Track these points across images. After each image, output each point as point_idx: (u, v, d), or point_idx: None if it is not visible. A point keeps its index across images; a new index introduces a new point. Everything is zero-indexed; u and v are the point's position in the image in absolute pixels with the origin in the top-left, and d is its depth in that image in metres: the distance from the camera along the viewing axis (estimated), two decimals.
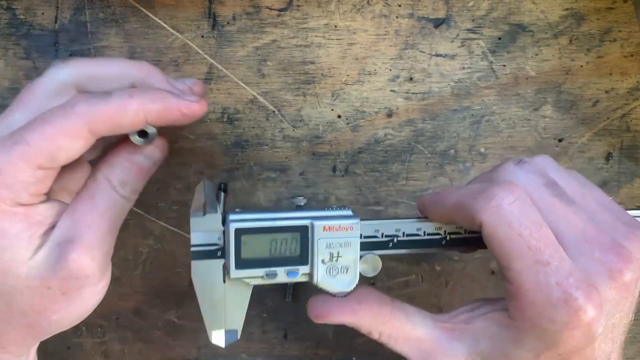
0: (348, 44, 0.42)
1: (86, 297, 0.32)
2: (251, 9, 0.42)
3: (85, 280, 0.31)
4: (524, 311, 0.29)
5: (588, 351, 0.29)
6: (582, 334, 0.29)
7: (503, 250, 0.29)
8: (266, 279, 0.32)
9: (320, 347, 0.44)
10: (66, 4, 0.41)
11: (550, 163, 0.33)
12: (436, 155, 0.43)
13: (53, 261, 0.31)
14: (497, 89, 0.43)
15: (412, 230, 0.34)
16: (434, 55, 0.42)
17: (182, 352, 0.43)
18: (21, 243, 0.31)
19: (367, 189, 0.43)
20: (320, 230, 0.32)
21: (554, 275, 0.28)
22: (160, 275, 0.43)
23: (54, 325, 0.32)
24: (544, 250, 0.29)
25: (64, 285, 0.31)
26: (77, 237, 0.31)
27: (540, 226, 0.29)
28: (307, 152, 0.42)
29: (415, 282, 0.44)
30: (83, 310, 0.33)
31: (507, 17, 0.42)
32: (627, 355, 0.44)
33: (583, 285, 0.28)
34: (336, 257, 0.32)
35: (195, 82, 0.36)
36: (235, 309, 0.33)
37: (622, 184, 0.44)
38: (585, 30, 0.43)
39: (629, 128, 0.43)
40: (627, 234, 0.30)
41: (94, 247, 0.31)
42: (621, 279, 0.29)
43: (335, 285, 0.33)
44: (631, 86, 0.43)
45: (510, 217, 0.29)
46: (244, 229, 0.31)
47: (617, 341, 0.30)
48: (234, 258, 0.32)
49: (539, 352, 0.30)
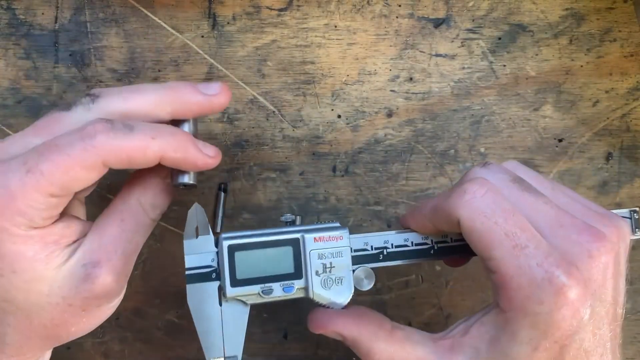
0: (348, 44, 0.42)
1: (104, 312, 0.33)
2: (251, 9, 0.42)
3: (107, 299, 0.32)
4: (512, 298, 0.30)
5: (582, 335, 0.29)
6: (571, 313, 0.29)
7: (483, 241, 0.30)
8: (262, 295, 0.32)
9: (320, 347, 0.44)
10: (66, 4, 0.41)
11: (518, 166, 0.34)
12: (436, 155, 0.43)
13: (77, 281, 0.31)
14: (497, 89, 0.43)
15: (400, 241, 0.34)
16: (434, 55, 0.42)
17: (182, 352, 0.43)
18: (39, 264, 0.31)
19: (367, 189, 0.43)
20: (311, 241, 0.33)
21: (533, 257, 0.29)
22: (160, 275, 0.43)
23: (71, 335, 0.33)
24: (520, 234, 0.29)
25: (86, 303, 0.31)
26: (104, 260, 0.31)
27: (513, 213, 0.30)
28: (307, 152, 0.42)
29: (415, 282, 0.44)
30: (99, 321, 0.34)
31: (507, 17, 0.42)
32: (627, 355, 0.44)
33: (563, 264, 0.29)
34: (329, 268, 0.33)
35: (221, 86, 0.34)
36: (234, 333, 0.32)
37: (622, 184, 0.44)
38: (585, 30, 0.43)
39: (629, 128, 0.43)
40: (600, 219, 0.31)
41: (119, 271, 0.32)
42: (599, 258, 0.30)
43: (331, 297, 0.33)
44: (631, 86, 0.43)
45: (484, 208, 0.30)
46: (237, 245, 0.32)
47: (612, 330, 0.31)
48: (229, 276, 0.32)
49: (536, 342, 0.30)
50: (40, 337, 0.32)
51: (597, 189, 0.43)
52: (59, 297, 0.31)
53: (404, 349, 0.33)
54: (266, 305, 0.43)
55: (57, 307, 0.31)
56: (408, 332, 0.34)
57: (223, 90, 0.33)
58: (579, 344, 0.30)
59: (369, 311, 0.35)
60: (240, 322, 0.32)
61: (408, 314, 0.43)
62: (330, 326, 0.33)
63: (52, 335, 0.32)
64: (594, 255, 0.30)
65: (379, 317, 0.34)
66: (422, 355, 0.33)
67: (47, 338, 0.33)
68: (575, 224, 0.30)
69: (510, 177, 0.32)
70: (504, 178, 0.32)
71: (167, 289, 0.43)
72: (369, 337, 0.33)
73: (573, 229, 0.30)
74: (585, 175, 0.43)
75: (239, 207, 0.42)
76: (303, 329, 0.43)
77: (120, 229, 0.32)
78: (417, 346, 0.33)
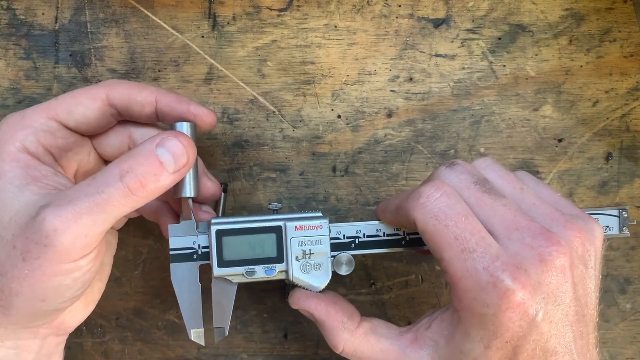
0: (348, 44, 0.42)
1: (46, 273, 0.30)
2: (251, 9, 0.42)
3: (45, 248, 0.30)
4: (461, 299, 0.31)
5: (536, 337, 0.30)
6: (519, 316, 0.29)
7: (434, 243, 0.31)
8: (246, 276, 0.35)
9: (320, 347, 0.44)
10: (66, 4, 0.41)
11: (488, 163, 0.35)
12: (436, 155, 0.43)
13: (27, 218, 0.30)
14: (497, 89, 0.43)
15: (372, 231, 0.36)
16: (434, 55, 0.42)
17: (182, 352, 0.43)
18: (10, 188, 0.31)
19: (367, 189, 0.43)
20: (292, 229, 0.35)
21: (480, 260, 0.30)
22: (160, 275, 0.43)
23: (13, 296, 0.31)
24: (470, 238, 0.30)
25: (26, 246, 0.30)
26: (54, 203, 0.30)
27: (465, 217, 0.31)
28: (307, 152, 0.42)
29: (415, 282, 0.44)
30: (43, 290, 0.31)
31: (507, 17, 0.42)
32: (627, 355, 0.44)
33: (509, 268, 0.29)
34: (309, 254, 0.35)
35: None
36: (222, 308, 0.35)
37: (622, 184, 0.44)
38: (585, 30, 0.43)
39: (629, 128, 0.43)
40: (563, 223, 0.31)
41: (67, 218, 0.30)
42: (552, 263, 0.30)
43: (309, 280, 0.35)
44: (631, 86, 0.43)
45: (436, 212, 0.31)
46: (224, 230, 0.35)
47: (575, 332, 0.31)
48: (217, 257, 0.35)
49: (487, 341, 0.30)
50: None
51: (597, 189, 0.43)
52: (10, 233, 0.31)
53: (367, 342, 0.35)
54: (266, 305, 0.43)
55: (5, 246, 0.30)
56: (374, 325, 0.35)
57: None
58: (533, 344, 0.30)
59: (342, 300, 0.36)
60: (228, 298, 0.35)
61: (408, 314, 0.43)
62: (303, 304, 0.35)
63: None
64: (546, 259, 0.30)
65: (350, 308, 0.36)
66: (385, 347, 0.34)
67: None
68: (531, 228, 0.31)
69: (473, 178, 0.33)
70: (466, 179, 0.32)
71: (167, 289, 0.43)
72: (335, 325, 0.35)
73: (528, 232, 0.30)
74: (585, 175, 0.43)
75: (239, 207, 0.42)
76: (303, 329, 0.43)
77: (88, 185, 0.31)
78: (381, 339, 0.35)
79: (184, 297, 0.35)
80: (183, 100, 0.36)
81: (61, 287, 0.31)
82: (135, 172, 0.30)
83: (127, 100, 0.35)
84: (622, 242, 0.44)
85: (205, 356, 0.43)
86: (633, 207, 0.44)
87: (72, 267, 0.31)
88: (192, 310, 0.35)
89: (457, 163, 0.33)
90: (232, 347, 0.43)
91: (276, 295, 0.43)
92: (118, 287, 0.42)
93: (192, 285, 0.35)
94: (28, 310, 0.32)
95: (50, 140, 0.34)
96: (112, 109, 0.35)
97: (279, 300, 0.43)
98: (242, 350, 0.43)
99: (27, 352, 0.34)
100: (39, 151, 0.33)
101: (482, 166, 0.34)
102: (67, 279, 0.31)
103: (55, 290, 0.31)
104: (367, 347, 0.34)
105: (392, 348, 0.34)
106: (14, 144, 0.32)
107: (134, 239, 0.42)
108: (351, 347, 0.35)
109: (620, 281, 0.44)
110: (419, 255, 0.43)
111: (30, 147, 0.33)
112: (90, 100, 0.34)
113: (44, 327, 0.34)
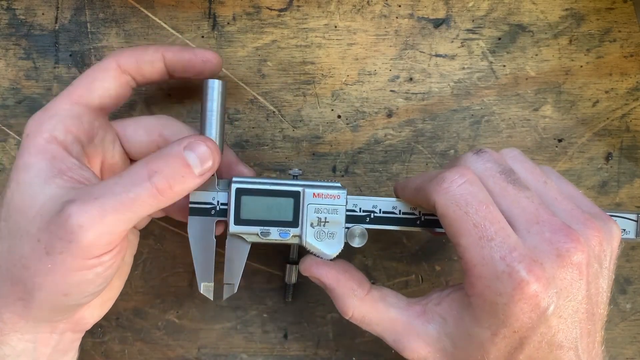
0: (348, 44, 0.42)
1: (69, 268, 0.31)
2: (251, 9, 0.42)
3: (69, 243, 0.30)
4: (474, 285, 0.31)
5: (544, 330, 0.30)
6: (530, 307, 0.29)
7: (452, 228, 0.31)
8: (261, 236, 0.35)
9: (320, 347, 0.44)
10: (66, 4, 0.41)
11: (515, 154, 0.35)
12: (436, 155, 0.43)
13: (52, 213, 0.30)
14: (497, 89, 0.43)
15: (389, 208, 0.36)
16: (434, 55, 0.42)
17: (182, 352, 0.43)
18: (37, 181, 0.31)
19: (367, 189, 0.43)
20: (310, 196, 0.35)
21: (498, 249, 0.30)
22: (160, 275, 0.43)
23: (36, 290, 0.31)
24: (489, 227, 0.30)
25: (50, 241, 0.30)
26: (80, 199, 0.30)
27: (486, 205, 0.31)
28: (307, 152, 0.42)
29: (415, 282, 0.44)
30: (66, 285, 0.31)
31: (507, 17, 0.42)
32: (627, 355, 0.44)
33: (526, 260, 0.29)
34: (324, 222, 0.35)
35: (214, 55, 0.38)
36: (234, 265, 0.36)
37: (622, 184, 0.44)
38: (585, 30, 0.43)
39: (629, 128, 0.43)
40: (583, 221, 0.32)
41: (93, 215, 0.30)
42: (569, 259, 0.30)
43: (321, 248, 0.36)
44: (631, 86, 0.43)
45: (457, 198, 0.31)
46: (244, 189, 0.35)
47: (583, 329, 0.31)
48: (234, 215, 0.35)
49: (495, 329, 0.30)
50: (8, 279, 0.31)
51: (597, 189, 0.43)
52: (35, 227, 0.31)
53: (376, 309, 0.35)
54: (266, 305, 0.43)
55: (30, 240, 0.31)
56: (384, 294, 0.36)
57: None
58: (540, 337, 0.30)
59: (352, 269, 0.36)
60: (240, 257, 0.36)
61: None
62: (314, 271, 0.36)
63: (19, 280, 0.31)
64: (563, 255, 0.30)
65: (360, 276, 0.36)
66: (393, 316, 0.35)
67: (15, 283, 0.31)
68: (551, 223, 0.31)
69: (499, 167, 0.33)
70: (492, 168, 0.33)
71: (167, 289, 0.43)
72: (346, 292, 0.35)
73: (548, 226, 0.31)
74: (585, 175, 0.43)
75: None
76: (303, 329, 0.43)
77: (115, 183, 0.31)
78: (390, 307, 0.35)
79: (198, 251, 0.36)
80: (187, 48, 0.37)
81: (84, 282, 0.32)
82: (163, 173, 0.31)
83: (135, 62, 0.36)
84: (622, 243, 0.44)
85: (205, 356, 0.43)
86: (633, 208, 0.44)
87: (95, 263, 0.31)
88: (205, 265, 0.36)
89: (485, 151, 0.34)
90: (232, 347, 0.43)
91: (276, 295, 0.43)
92: None
93: (208, 240, 0.35)
94: (50, 304, 0.32)
95: (77, 126, 0.34)
96: (126, 75, 0.36)
97: (279, 301, 0.43)
98: (242, 350, 0.43)
99: (44, 347, 0.34)
100: (67, 139, 0.33)
101: (509, 156, 0.34)
102: (90, 274, 0.31)
103: (78, 286, 0.32)
104: (375, 314, 0.35)
105: (400, 318, 0.35)
106: (42, 136, 0.33)
107: None
108: (360, 313, 0.35)
109: (620, 281, 0.44)
110: (419, 255, 0.43)
111: (59, 135, 0.33)
112: (103, 73, 0.35)
113: (64, 322, 0.34)
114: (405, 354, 0.34)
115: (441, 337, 0.33)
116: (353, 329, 0.44)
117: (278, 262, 0.43)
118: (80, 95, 0.34)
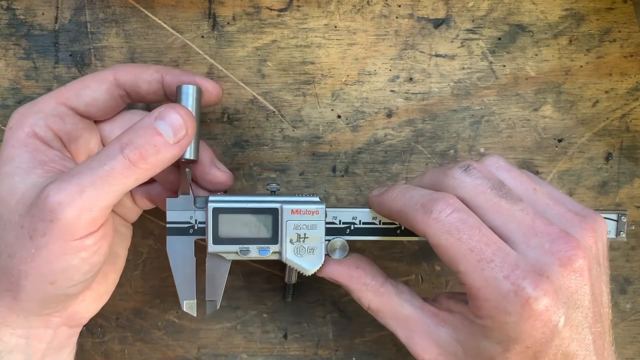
0: (348, 44, 0.42)
1: (53, 252, 0.31)
2: (251, 9, 0.42)
3: (50, 223, 0.30)
4: (481, 309, 0.30)
5: (558, 342, 0.30)
6: (542, 324, 0.29)
7: (449, 256, 0.31)
8: (240, 254, 0.35)
9: (320, 347, 0.44)
10: (66, 4, 0.41)
11: (500, 163, 0.35)
12: (436, 155, 0.43)
13: (33, 198, 0.31)
14: (497, 89, 0.43)
15: (369, 219, 0.36)
16: (434, 55, 0.42)
17: (182, 352, 0.43)
18: (19, 172, 0.32)
19: (367, 189, 0.43)
20: (288, 212, 0.35)
21: (499, 269, 0.30)
22: (160, 275, 0.43)
23: (22, 278, 0.31)
24: (485, 249, 0.30)
25: (32, 224, 0.30)
26: (59, 179, 0.31)
27: (479, 229, 0.31)
28: (307, 152, 0.42)
29: (415, 282, 0.44)
30: (51, 272, 0.31)
31: (507, 17, 0.42)
32: (626, 355, 0.44)
33: (531, 275, 0.29)
34: (303, 238, 0.35)
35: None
36: (215, 282, 0.36)
37: (622, 184, 0.44)
38: (584, 30, 0.43)
39: (629, 128, 0.43)
40: (578, 223, 0.32)
41: (71, 192, 0.30)
42: (571, 266, 0.30)
43: (302, 263, 0.36)
44: (631, 86, 0.43)
45: (448, 227, 0.31)
46: (221, 208, 0.35)
47: (594, 332, 0.31)
48: (212, 235, 0.35)
49: (507, 345, 0.30)
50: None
51: (597, 189, 0.43)
52: (17, 215, 0.31)
53: (391, 304, 0.36)
54: (266, 305, 0.43)
55: (14, 227, 0.31)
56: (400, 290, 0.36)
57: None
58: (555, 349, 0.30)
59: (365, 263, 0.37)
60: (221, 274, 0.36)
61: None
62: (326, 271, 0.36)
63: (4, 270, 0.31)
64: (565, 263, 0.30)
65: (373, 269, 0.37)
66: (408, 314, 0.35)
67: (1, 273, 0.32)
68: (550, 232, 0.31)
69: (489, 183, 0.32)
70: (482, 184, 0.32)
71: (167, 289, 0.43)
72: (359, 288, 0.36)
73: (547, 237, 0.31)
74: (585, 175, 0.43)
75: None
76: (303, 329, 0.43)
77: (91, 160, 0.31)
78: (404, 304, 0.35)
79: (178, 270, 0.36)
80: (188, 73, 0.37)
81: (69, 268, 0.31)
82: (134, 144, 0.31)
83: (133, 79, 0.36)
84: (622, 242, 0.44)
85: (205, 356, 0.43)
86: (633, 207, 0.44)
87: (79, 246, 0.31)
88: (186, 283, 0.36)
89: (472, 167, 0.33)
90: (232, 347, 0.43)
91: (276, 295, 0.43)
92: (118, 287, 0.42)
93: (187, 258, 0.36)
94: (37, 294, 0.32)
95: (59, 125, 0.34)
96: (120, 90, 0.36)
97: (279, 301, 0.43)
98: (242, 350, 0.43)
99: (38, 342, 0.34)
100: (48, 136, 0.34)
101: (495, 167, 0.34)
102: (75, 259, 0.31)
103: (64, 272, 0.31)
104: (389, 307, 0.35)
105: (415, 316, 0.35)
106: (23, 130, 0.33)
107: (134, 239, 0.42)
108: (375, 306, 0.36)
109: (620, 281, 0.44)
110: (419, 255, 0.43)
111: (40, 131, 0.34)
112: (98, 83, 0.35)
113: (56, 315, 0.34)
114: (416, 353, 0.34)
115: (452, 343, 0.33)
116: (353, 329, 0.44)
117: (278, 262, 0.43)
118: (67, 99, 0.35)
